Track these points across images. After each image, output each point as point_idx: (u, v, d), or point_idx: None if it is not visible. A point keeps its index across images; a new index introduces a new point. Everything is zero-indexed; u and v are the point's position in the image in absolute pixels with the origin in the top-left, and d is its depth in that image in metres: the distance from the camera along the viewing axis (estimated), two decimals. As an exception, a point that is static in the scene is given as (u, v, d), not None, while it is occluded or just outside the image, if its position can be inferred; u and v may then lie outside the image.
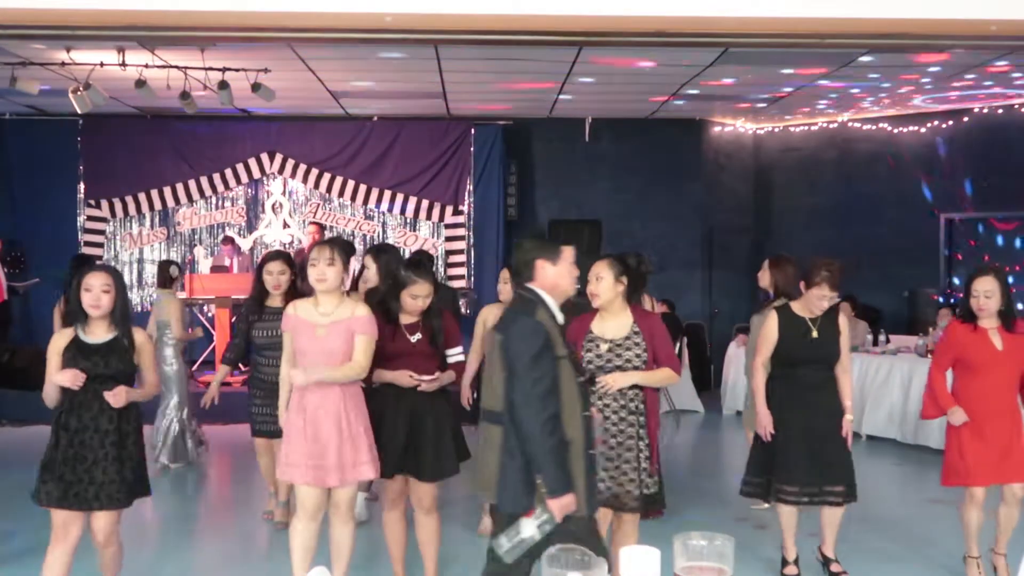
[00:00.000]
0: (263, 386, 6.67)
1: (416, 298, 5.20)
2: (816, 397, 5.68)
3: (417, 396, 5.24)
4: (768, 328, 5.80)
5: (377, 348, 5.09)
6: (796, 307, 5.82)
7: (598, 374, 4.92)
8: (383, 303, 5.30)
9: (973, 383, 5.63)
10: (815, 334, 5.69)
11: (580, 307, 5.13)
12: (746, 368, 7.74)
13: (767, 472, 5.82)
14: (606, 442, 4.92)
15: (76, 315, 4.78)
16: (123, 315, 4.81)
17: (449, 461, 5.35)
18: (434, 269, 13.14)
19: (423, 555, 5.51)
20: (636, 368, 4.93)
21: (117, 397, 4.65)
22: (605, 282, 4.98)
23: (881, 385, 10.19)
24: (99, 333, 4.77)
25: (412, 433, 5.24)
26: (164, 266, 9.10)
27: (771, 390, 5.82)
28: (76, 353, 4.69)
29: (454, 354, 5.40)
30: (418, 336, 5.25)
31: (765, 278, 7.30)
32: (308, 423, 4.92)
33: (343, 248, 5.07)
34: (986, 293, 5.55)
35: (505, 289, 6.56)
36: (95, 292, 4.70)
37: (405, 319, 5.27)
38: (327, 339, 4.94)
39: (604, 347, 4.93)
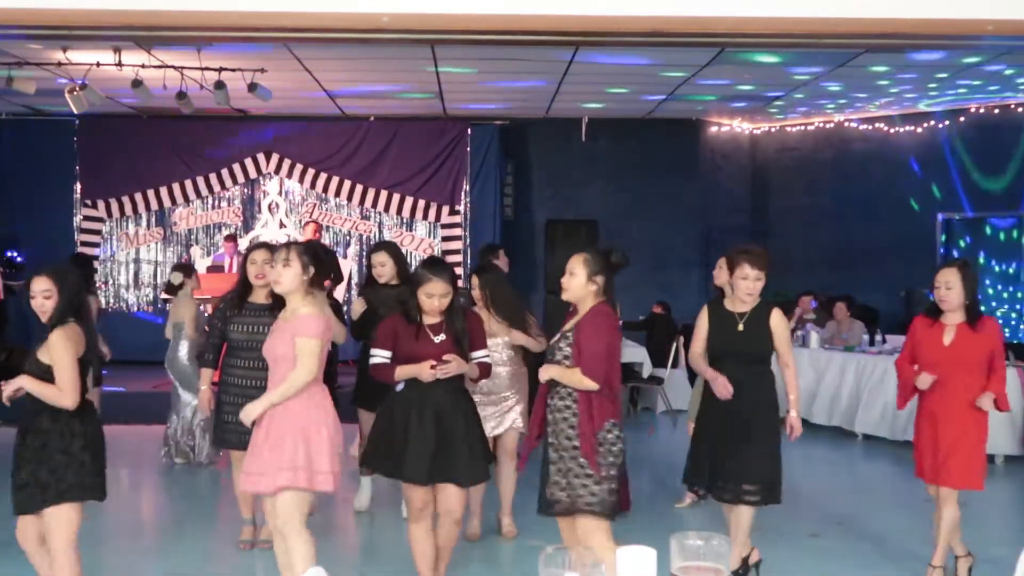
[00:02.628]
0: (235, 391, 6.13)
1: (431, 297, 4.98)
2: (738, 392, 5.43)
3: (442, 397, 5.01)
4: (700, 321, 5.71)
5: (402, 350, 5.00)
6: (727, 302, 5.68)
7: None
8: (403, 303, 5.18)
9: None
10: (740, 328, 5.53)
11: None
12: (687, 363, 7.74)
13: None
14: (558, 445, 4.77)
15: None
16: (58, 316, 4.57)
17: (482, 464, 5.12)
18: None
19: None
20: (560, 364, 4.74)
21: (7, 388, 4.55)
22: (577, 279, 4.77)
23: (876, 385, 10.19)
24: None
25: (442, 436, 4.99)
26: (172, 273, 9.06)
27: (704, 387, 5.73)
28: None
29: (478, 356, 5.16)
30: (442, 337, 5.02)
31: (722, 275, 7.25)
32: (264, 430, 4.73)
33: (304, 250, 4.85)
34: (947, 284, 5.49)
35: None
36: (38, 299, 4.58)
37: (428, 320, 5.05)
38: (271, 343, 4.82)
39: (558, 340, 4.81)
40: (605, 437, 4.66)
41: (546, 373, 4.75)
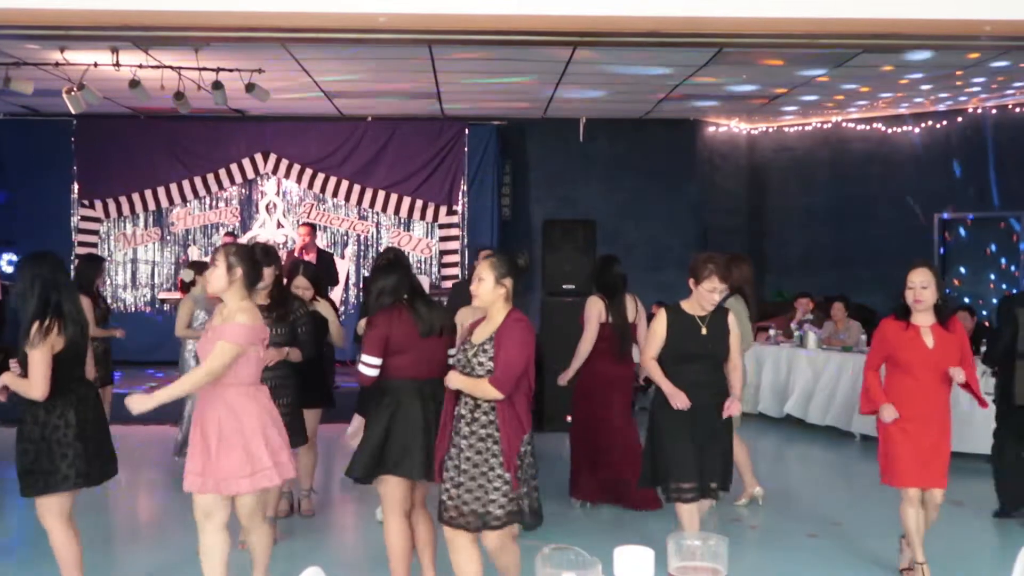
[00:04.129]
0: None
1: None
2: (702, 394, 5.57)
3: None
4: (657, 325, 5.73)
5: None
6: (686, 305, 5.77)
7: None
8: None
9: (903, 382, 5.53)
10: (704, 331, 5.65)
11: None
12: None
13: (660, 470, 5.71)
14: (462, 455, 4.63)
15: None
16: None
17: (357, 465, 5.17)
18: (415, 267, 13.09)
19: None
20: (480, 377, 4.56)
21: None
22: (485, 284, 4.66)
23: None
24: None
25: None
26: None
27: (658, 391, 5.72)
28: None
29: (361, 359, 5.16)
30: None
31: (738, 276, 7.40)
32: (197, 433, 4.76)
33: (234, 251, 4.79)
34: (922, 284, 5.48)
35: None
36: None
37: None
38: (200, 344, 4.78)
39: (471, 351, 4.62)
40: (527, 449, 4.60)
41: (452, 383, 4.64)
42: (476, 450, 4.56)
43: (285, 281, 6.70)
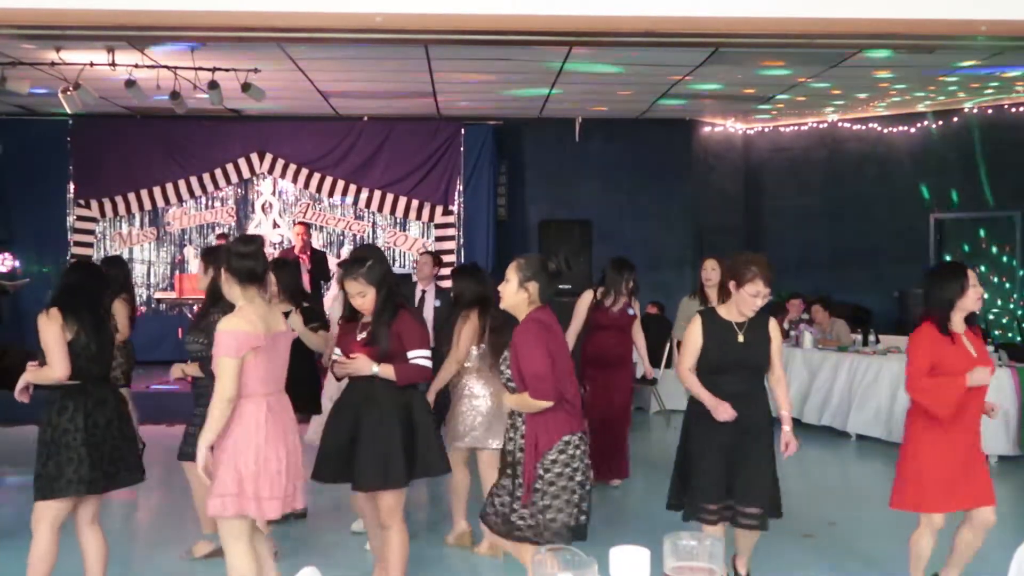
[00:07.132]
0: None
1: (351, 296, 4.96)
2: (739, 408, 5.03)
3: (360, 397, 4.98)
4: (692, 333, 5.22)
5: (340, 347, 5.06)
6: (722, 310, 5.23)
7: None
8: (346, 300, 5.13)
9: None
10: (741, 338, 5.11)
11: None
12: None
13: (685, 488, 5.26)
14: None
15: None
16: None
17: (379, 472, 4.89)
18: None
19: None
20: (512, 389, 4.48)
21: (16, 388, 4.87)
22: (508, 286, 4.58)
23: (870, 385, 10.20)
24: None
25: (351, 439, 4.93)
26: None
27: (692, 400, 5.28)
28: None
29: (414, 357, 4.96)
30: (363, 335, 4.97)
31: (715, 277, 7.53)
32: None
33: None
34: (975, 284, 5.06)
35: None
36: None
37: (366, 317, 5.02)
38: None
39: (504, 363, 4.53)
40: (557, 458, 4.39)
41: (507, 403, 4.56)
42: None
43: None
